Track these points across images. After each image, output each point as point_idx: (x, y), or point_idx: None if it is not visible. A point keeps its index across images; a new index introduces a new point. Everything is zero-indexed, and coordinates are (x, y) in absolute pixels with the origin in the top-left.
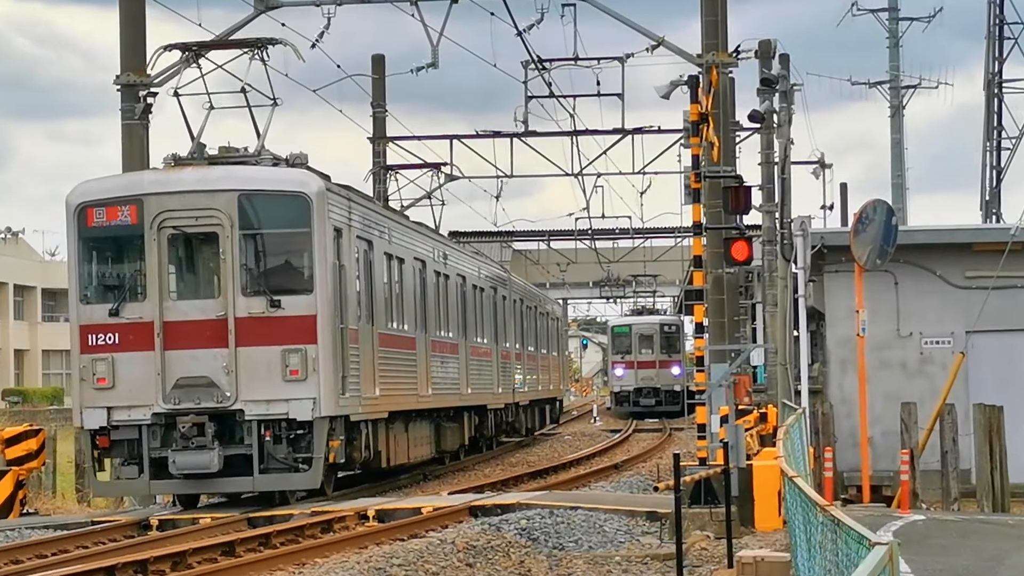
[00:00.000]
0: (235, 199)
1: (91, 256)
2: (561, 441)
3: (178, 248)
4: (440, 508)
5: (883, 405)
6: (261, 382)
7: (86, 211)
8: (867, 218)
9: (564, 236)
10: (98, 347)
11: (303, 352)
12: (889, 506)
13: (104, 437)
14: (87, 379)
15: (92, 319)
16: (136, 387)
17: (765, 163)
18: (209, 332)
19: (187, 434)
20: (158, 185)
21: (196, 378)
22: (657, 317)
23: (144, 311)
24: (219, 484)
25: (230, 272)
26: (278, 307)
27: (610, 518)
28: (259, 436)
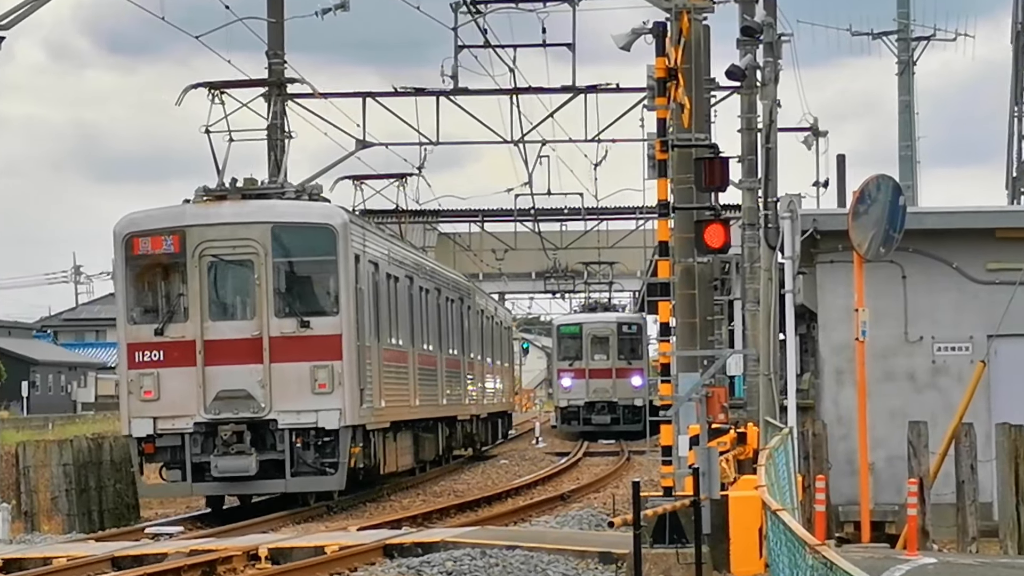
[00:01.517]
0: (268, 230)
1: (137, 281)
2: (496, 466)
3: (217, 274)
4: (348, 547)
5: (887, 425)
6: (292, 394)
7: (132, 240)
8: (869, 197)
9: (501, 217)
10: (144, 363)
11: (330, 368)
12: (893, 546)
13: (150, 444)
14: (134, 392)
15: (139, 338)
16: (179, 399)
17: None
18: (245, 349)
19: (227, 441)
20: (199, 217)
21: (234, 391)
22: (614, 315)
23: (187, 331)
24: (255, 486)
25: (264, 296)
26: (307, 327)
27: (555, 560)
28: (291, 443)
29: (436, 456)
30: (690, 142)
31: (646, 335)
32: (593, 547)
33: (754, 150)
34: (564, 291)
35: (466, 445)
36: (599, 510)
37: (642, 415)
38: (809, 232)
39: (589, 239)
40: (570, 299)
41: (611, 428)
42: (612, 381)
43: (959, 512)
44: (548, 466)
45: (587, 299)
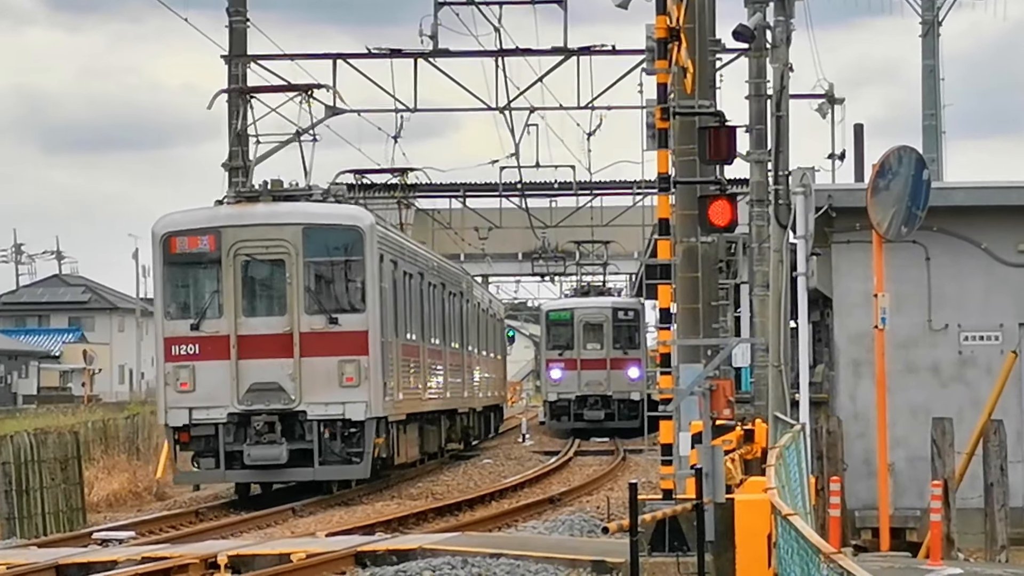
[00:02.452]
0: (300, 231)
1: (174, 278)
2: (478, 466)
3: (250, 272)
4: (316, 555)
5: (908, 422)
6: (321, 387)
7: (170, 239)
8: (890, 171)
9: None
10: (181, 356)
11: (357, 362)
12: (915, 555)
13: (185, 433)
14: (171, 383)
15: (175, 332)
16: (214, 391)
17: (755, 96)
18: (277, 344)
19: (259, 431)
20: (233, 218)
21: (266, 383)
22: (609, 299)
23: (221, 326)
24: (285, 474)
25: (295, 293)
26: (336, 323)
27: (543, 569)
28: (319, 433)
29: (438, 448)
30: (693, 110)
31: (644, 322)
32: (585, 555)
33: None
34: (554, 273)
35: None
36: (592, 515)
37: (639, 410)
38: (824, 209)
39: (581, 216)
40: (560, 282)
41: (605, 424)
42: (606, 373)
43: (987, 518)
44: (536, 466)
45: (579, 282)
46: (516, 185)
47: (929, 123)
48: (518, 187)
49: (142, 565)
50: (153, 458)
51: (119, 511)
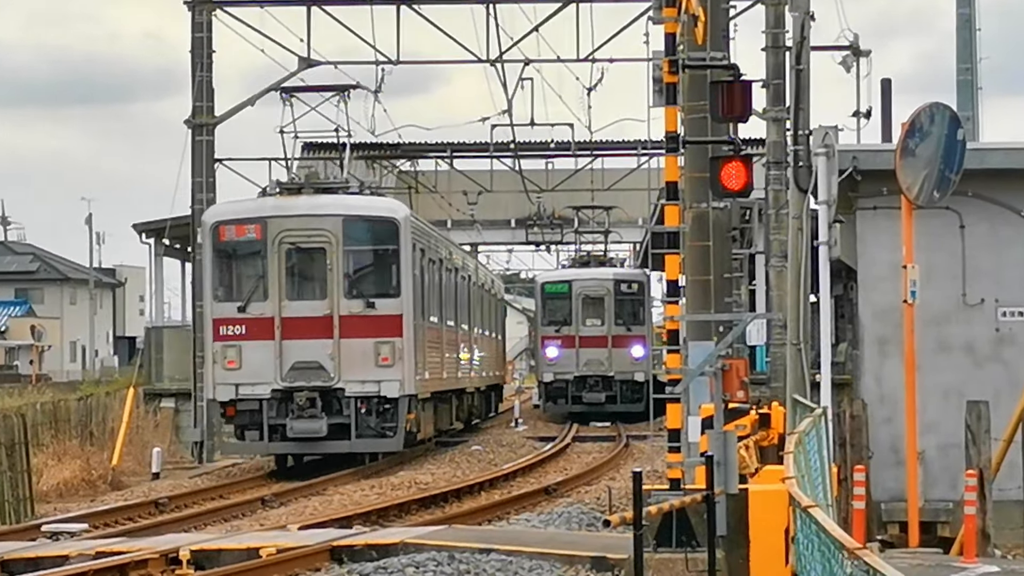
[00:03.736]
0: (340, 222)
1: (223, 264)
2: (466, 453)
3: (293, 259)
4: (287, 549)
5: (940, 405)
6: (358, 366)
7: (219, 228)
8: (921, 131)
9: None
10: (228, 336)
11: (392, 343)
12: (947, 552)
13: (231, 408)
14: (219, 362)
15: (223, 314)
16: (259, 368)
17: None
18: (318, 326)
19: (301, 406)
20: (278, 209)
21: (307, 362)
22: (611, 270)
23: (266, 309)
24: (324, 446)
25: (335, 279)
26: (372, 307)
27: (538, 566)
28: (356, 409)
29: (449, 425)
30: (704, 62)
31: (649, 296)
32: (584, 551)
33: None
34: (550, 242)
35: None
36: (591, 507)
37: (643, 392)
38: (848, 172)
39: (581, 179)
40: (557, 252)
41: (606, 408)
42: (608, 351)
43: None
44: (530, 453)
45: (578, 252)
46: (509, 145)
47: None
48: (511, 147)
49: (96, 561)
50: (108, 444)
51: (70, 501)
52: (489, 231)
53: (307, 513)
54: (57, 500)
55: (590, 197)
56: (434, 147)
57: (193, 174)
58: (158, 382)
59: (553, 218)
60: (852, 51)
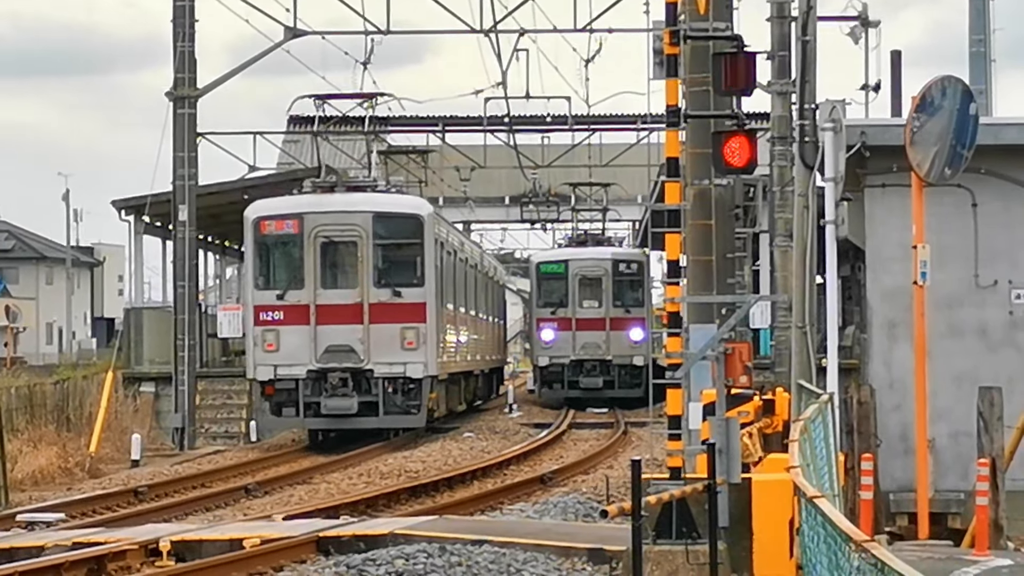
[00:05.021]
0: (370, 218)
1: (263, 255)
2: (458, 439)
3: (328, 251)
4: (272, 540)
5: (952, 391)
6: (386, 349)
7: (260, 222)
8: (932, 105)
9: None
10: (268, 322)
11: (417, 329)
12: (958, 544)
13: (271, 387)
14: (259, 344)
15: (263, 301)
16: (295, 351)
17: (777, 18)
18: (349, 313)
19: (334, 385)
20: (314, 205)
21: (340, 346)
22: (608, 250)
23: (302, 296)
24: (354, 422)
25: (365, 270)
26: (399, 296)
27: (532, 559)
28: (384, 388)
29: (459, 404)
30: (707, 33)
31: (649, 276)
32: (581, 542)
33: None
34: (545, 220)
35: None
36: (588, 496)
37: (642, 377)
38: (856, 148)
39: (578, 155)
40: (553, 230)
41: (604, 393)
42: (605, 334)
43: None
44: (524, 441)
45: (574, 230)
46: (503, 119)
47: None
48: (505, 121)
49: (73, 552)
50: (86, 430)
51: (46, 490)
52: (482, 208)
53: (292, 503)
54: (32, 488)
55: (587, 173)
56: (425, 120)
57: (175, 148)
58: (138, 365)
59: (549, 195)
60: (860, 22)
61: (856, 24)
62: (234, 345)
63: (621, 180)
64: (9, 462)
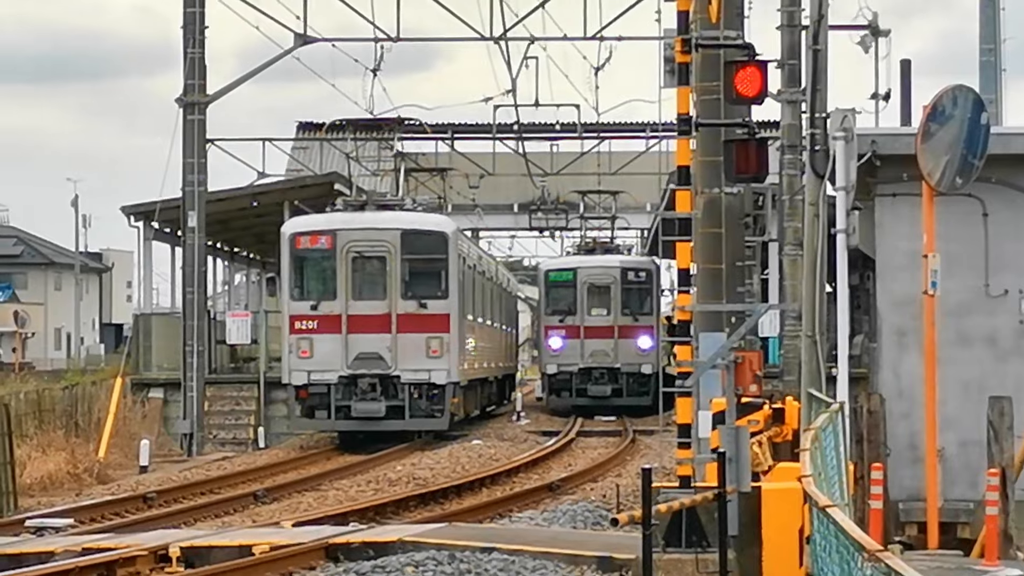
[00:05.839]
0: (399, 234)
1: (298, 268)
2: (466, 447)
3: (358, 265)
4: (281, 547)
5: (961, 400)
6: (412, 357)
7: (296, 237)
8: (943, 114)
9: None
10: (302, 330)
11: (441, 338)
12: (968, 554)
13: (304, 391)
14: (294, 351)
15: (298, 311)
16: (328, 358)
17: (788, 27)
18: (378, 323)
19: (364, 390)
20: (346, 222)
21: (369, 353)
22: (617, 258)
23: (335, 307)
24: (382, 425)
25: (393, 283)
26: (424, 307)
27: (541, 566)
28: (409, 393)
29: (475, 409)
30: (718, 41)
31: (658, 284)
32: (590, 550)
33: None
34: (554, 228)
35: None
36: (597, 504)
37: (651, 385)
38: (867, 157)
39: (587, 163)
40: (562, 238)
41: (612, 401)
42: (614, 342)
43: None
44: (532, 448)
45: (583, 238)
46: (512, 126)
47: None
48: (514, 129)
49: (82, 557)
50: (94, 435)
51: (55, 495)
52: (491, 216)
53: (301, 509)
54: (41, 494)
55: (596, 181)
56: (435, 128)
57: (184, 154)
58: (146, 371)
59: (558, 203)
60: (871, 31)
61: (866, 33)
62: (242, 351)
63: (630, 188)
64: (18, 467)
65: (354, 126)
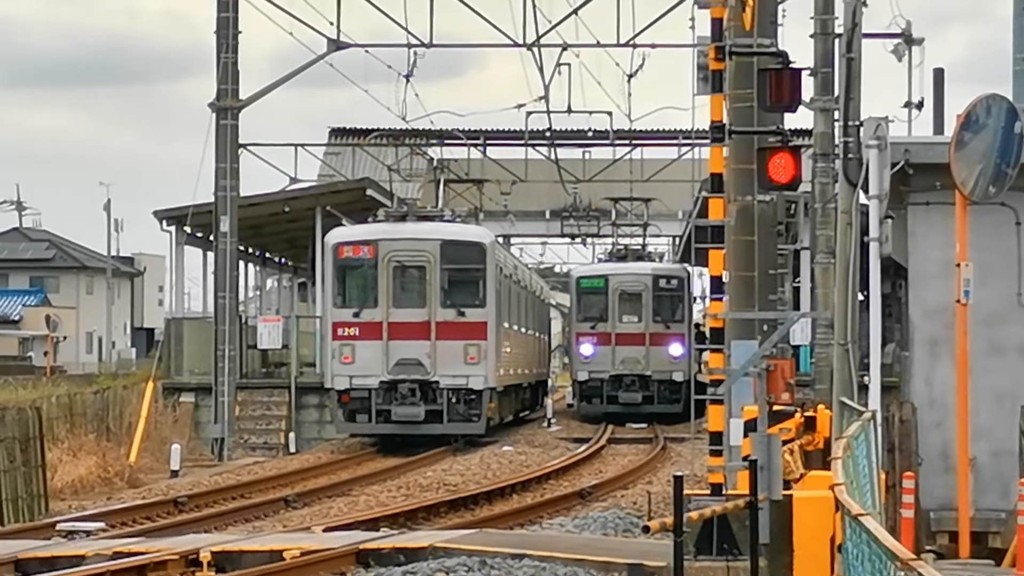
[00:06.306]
0: (438, 245)
1: (341, 277)
2: (497, 453)
3: (399, 274)
4: (312, 552)
5: (993, 409)
6: (451, 363)
7: (339, 247)
8: (976, 123)
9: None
10: (345, 337)
11: (479, 345)
12: (999, 564)
13: (346, 395)
14: (336, 357)
15: (341, 318)
16: (369, 363)
17: (821, 35)
18: (418, 330)
19: (404, 395)
20: (388, 233)
21: (409, 359)
22: (649, 265)
23: (376, 314)
24: (421, 428)
25: (433, 292)
26: (463, 315)
27: (572, 573)
28: (448, 398)
29: (510, 414)
30: (752, 49)
31: (689, 291)
32: (621, 557)
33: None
34: (586, 235)
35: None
36: (628, 511)
37: (682, 393)
38: (900, 165)
39: (619, 170)
40: (593, 245)
41: (643, 408)
42: (645, 349)
43: None
44: (563, 455)
45: (615, 245)
46: (545, 133)
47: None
48: (547, 135)
49: (113, 561)
50: (125, 439)
51: (86, 499)
52: (523, 222)
53: (332, 514)
54: (72, 497)
55: (628, 188)
56: (467, 134)
57: (217, 159)
58: (177, 375)
59: (589, 210)
60: (904, 39)
61: (900, 42)
62: (273, 356)
63: (662, 195)
64: (49, 471)
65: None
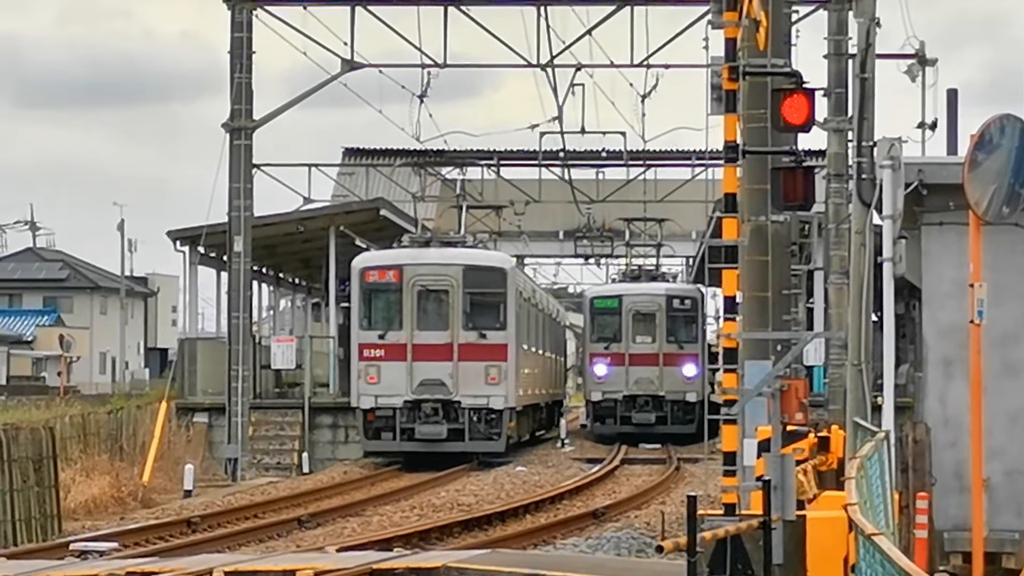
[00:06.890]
0: (461, 270)
1: (367, 300)
2: (511, 473)
3: (423, 298)
4: (326, 572)
5: (1007, 430)
6: (472, 384)
7: (365, 272)
8: (991, 143)
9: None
10: (370, 358)
11: (499, 367)
12: None
13: (371, 414)
14: (362, 377)
15: (367, 340)
16: (394, 384)
17: (835, 55)
18: (441, 351)
19: (427, 414)
20: (412, 258)
21: (432, 379)
22: (663, 285)
23: (401, 336)
24: (444, 446)
25: (455, 314)
26: (484, 337)
27: None
28: (469, 417)
29: (528, 433)
30: (766, 69)
31: (703, 312)
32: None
33: (844, 81)
34: (599, 255)
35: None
36: (642, 531)
37: (695, 413)
38: (913, 186)
39: (633, 190)
40: (607, 265)
41: (656, 429)
42: (659, 369)
43: None
44: (577, 475)
45: (628, 266)
46: (558, 153)
47: None
48: (560, 155)
49: None
50: (139, 459)
51: (99, 519)
52: (536, 243)
53: (345, 535)
54: (85, 517)
55: (642, 209)
56: (481, 154)
57: (231, 179)
58: (191, 396)
59: (603, 230)
60: (918, 59)
61: (913, 62)
62: (287, 376)
63: (676, 216)
64: (62, 491)
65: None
